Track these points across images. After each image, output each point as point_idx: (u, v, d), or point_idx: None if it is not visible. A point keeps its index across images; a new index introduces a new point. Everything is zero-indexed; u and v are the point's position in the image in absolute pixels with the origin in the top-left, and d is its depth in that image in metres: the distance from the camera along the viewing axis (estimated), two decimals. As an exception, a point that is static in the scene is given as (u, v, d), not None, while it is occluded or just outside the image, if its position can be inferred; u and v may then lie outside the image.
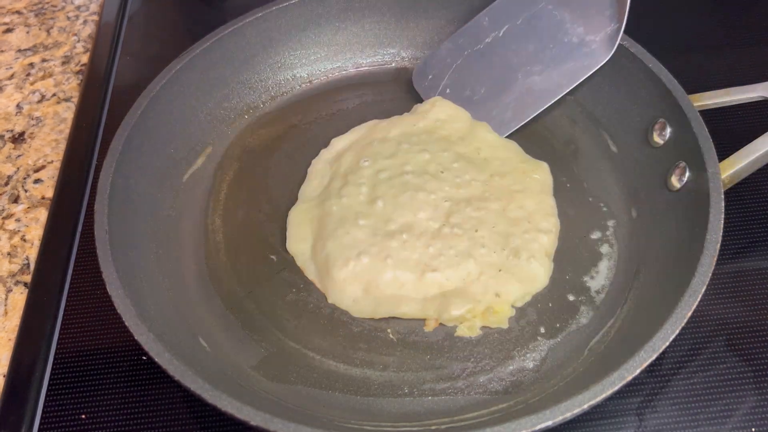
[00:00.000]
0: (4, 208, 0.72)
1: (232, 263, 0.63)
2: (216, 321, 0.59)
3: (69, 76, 0.85)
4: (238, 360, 0.56)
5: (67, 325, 0.61)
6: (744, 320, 0.59)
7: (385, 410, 0.53)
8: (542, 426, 0.44)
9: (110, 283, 0.51)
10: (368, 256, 0.58)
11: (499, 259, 0.59)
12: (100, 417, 0.56)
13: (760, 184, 0.66)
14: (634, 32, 0.66)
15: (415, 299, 0.58)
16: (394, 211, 0.61)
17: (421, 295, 0.58)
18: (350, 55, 0.77)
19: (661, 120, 0.63)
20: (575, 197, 0.65)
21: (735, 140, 0.59)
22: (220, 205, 0.67)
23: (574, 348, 0.56)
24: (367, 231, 0.60)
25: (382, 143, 0.67)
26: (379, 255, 0.58)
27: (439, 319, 0.57)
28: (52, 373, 0.59)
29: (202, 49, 0.68)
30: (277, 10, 0.72)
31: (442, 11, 0.75)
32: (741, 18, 0.63)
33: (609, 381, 0.45)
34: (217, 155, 0.71)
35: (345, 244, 0.59)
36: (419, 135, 0.67)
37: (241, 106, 0.74)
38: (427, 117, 0.69)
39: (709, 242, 0.52)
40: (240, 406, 0.45)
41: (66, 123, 0.79)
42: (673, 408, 0.54)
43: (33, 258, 0.67)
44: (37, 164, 0.76)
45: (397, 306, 0.57)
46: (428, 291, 0.58)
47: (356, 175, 0.64)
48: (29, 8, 0.94)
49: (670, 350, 0.56)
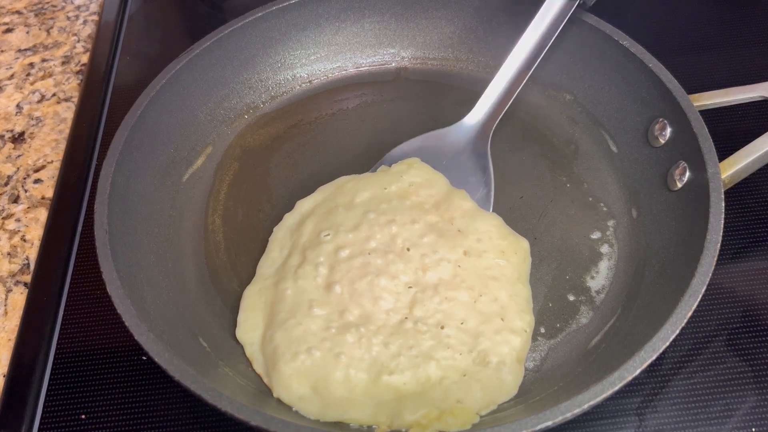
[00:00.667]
0: (4, 208, 0.72)
1: (232, 263, 0.63)
2: (216, 321, 0.59)
3: (69, 76, 0.85)
4: (238, 360, 0.56)
5: (67, 325, 0.61)
6: (744, 320, 0.59)
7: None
8: (542, 426, 0.44)
9: (110, 283, 0.51)
10: (320, 351, 0.53)
11: (464, 364, 0.53)
12: (100, 417, 0.56)
13: (760, 184, 0.66)
14: (634, 32, 0.66)
15: (367, 404, 0.52)
16: (352, 299, 0.55)
17: (375, 400, 0.52)
18: (350, 55, 0.77)
19: (661, 120, 0.63)
20: (575, 197, 0.65)
21: (735, 140, 0.59)
22: (220, 205, 0.67)
23: (574, 348, 0.56)
24: (321, 322, 0.54)
25: (347, 211, 0.61)
26: (332, 351, 0.53)
27: (392, 425, 0.51)
28: (52, 373, 0.59)
29: (202, 49, 0.68)
30: (277, 10, 0.72)
31: (442, 11, 0.75)
32: (741, 18, 0.63)
33: (609, 381, 0.45)
34: (217, 155, 0.71)
35: (295, 337, 0.54)
36: (390, 201, 0.61)
37: (241, 106, 0.74)
38: (401, 180, 0.63)
39: (709, 242, 0.52)
40: (240, 406, 0.45)
41: (66, 123, 0.79)
42: (673, 408, 0.54)
43: (33, 258, 0.67)
44: (37, 164, 0.76)
45: (346, 411, 0.51)
46: (382, 395, 0.52)
47: (315, 251, 0.58)
48: (29, 8, 0.94)
49: (670, 350, 0.56)
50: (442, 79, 0.76)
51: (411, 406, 0.51)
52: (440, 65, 0.77)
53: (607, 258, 0.61)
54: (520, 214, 0.64)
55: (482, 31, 0.75)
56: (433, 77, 0.76)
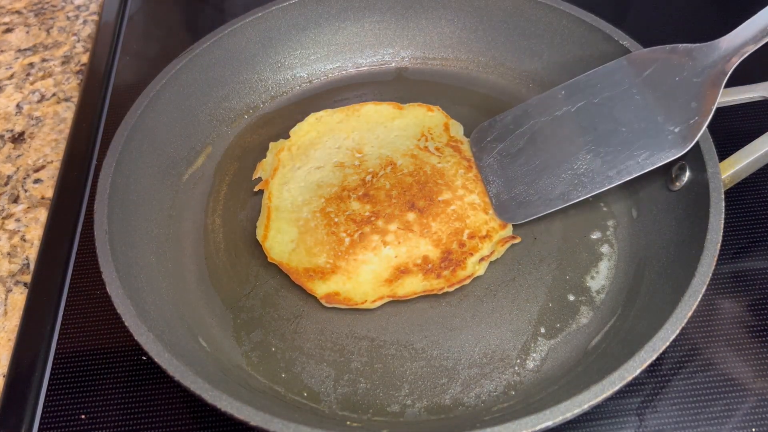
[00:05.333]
0: (4, 208, 0.72)
1: (232, 263, 0.63)
2: (216, 321, 0.59)
3: (69, 76, 0.85)
4: (238, 360, 0.56)
5: (67, 325, 0.62)
6: (744, 320, 0.59)
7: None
8: (542, 426, 0.44)
9: (110, 283, 0.51)
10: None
11: None
12: (100, 417, 0.56)
13: (760, 184, 0.66)
14: (634, 32, 0.66)
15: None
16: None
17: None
18: (350, 55, 0.77)
19: (661, 120, 0.63)
20: (575, 197, 0.65)
21: (735, 140, 0.59)
22: (220, 205, 0.67)
23: (574, 348, 0.56)
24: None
25: None
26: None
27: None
28: (52, 373, 0.59)
29: (202, 49, 0.68)
30: (277, 10, 0.72)
31: (442, 11, 0.75)
32: (741, 18, 0.63)
33: (609, 381, 0.45)
34: (217, 155, 0.71)
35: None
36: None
37: (241, 106, 0.74)
38: None
39: (709, 242, 0.52)
40: (240, 406, 0.45)
41: (66, 123, 0.79)
42: (673, 408, 0.54)
43: (33, 258, 0.67)
44: (37, 164, 0.76)
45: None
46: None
47: None
48: (29, 8, 0.94)
49: (670, 350, 0.56)
50: (442, 79, 0.76)
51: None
52: (440, 65, 0.77)
53: (607, 258, 0.61)
54: (520, 214, 0.64)
55: (482, 31, 0.75)
56: (433, 77, 0.76)
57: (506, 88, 0.75)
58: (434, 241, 0.60)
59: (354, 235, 0.61)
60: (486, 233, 0.61)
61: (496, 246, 0.61)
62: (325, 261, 0.60)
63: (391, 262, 0.60)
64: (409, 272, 0.59)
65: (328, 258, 0.60)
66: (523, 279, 0.60)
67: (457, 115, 0.71)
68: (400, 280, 0.59)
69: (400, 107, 0.72)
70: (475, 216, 0.62)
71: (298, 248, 0.61)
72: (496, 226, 0.62)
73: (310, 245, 0.61)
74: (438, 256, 0.60)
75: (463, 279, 0.59)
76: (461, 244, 0.60)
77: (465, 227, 0.61)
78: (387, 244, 0.60)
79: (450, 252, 0.60)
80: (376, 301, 0.58)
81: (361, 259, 0.60)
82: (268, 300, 0.60)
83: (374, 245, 0.60)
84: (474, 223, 0.62)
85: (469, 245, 0.60)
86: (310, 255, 0.60)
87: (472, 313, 0.58)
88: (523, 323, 0.58)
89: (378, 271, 0.59)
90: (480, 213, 0.62)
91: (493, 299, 0.59)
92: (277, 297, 0.60)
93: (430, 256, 0.60)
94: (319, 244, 0.61)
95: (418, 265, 0.60)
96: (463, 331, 0.57)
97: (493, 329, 0.57)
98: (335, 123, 0.70)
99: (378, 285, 0.59)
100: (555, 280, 0.60)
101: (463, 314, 0.58)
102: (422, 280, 0.59)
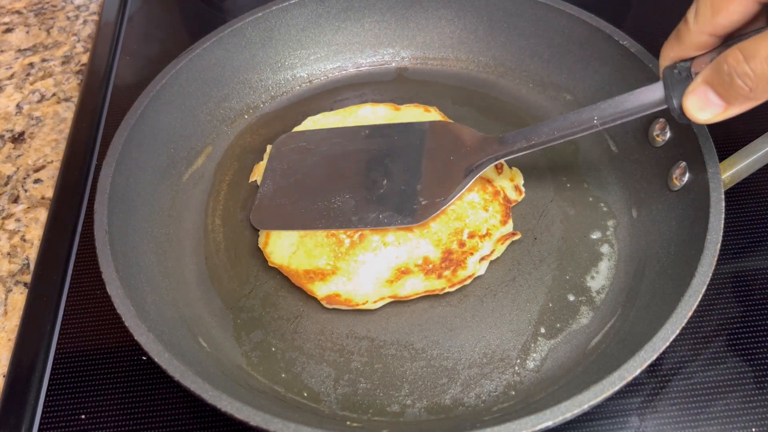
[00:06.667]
0: (4, 208, 0.72)
1: (232, 263, 0.63)
2: (216, 321, 0.59)
3: (69, 76, 0.85)
4: (238, 360, 0.56)
5: (67, 325, 0.62)
6: (744, 320, 0.59)
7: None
8: (542, 426, 0.44)
9: (110, 283, 0.51)
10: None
11: None
12: (100, 417, 0.56)
13: (760, 184, 0.66)
14: (634, 32, 0.66)
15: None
16: None
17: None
18: (350, 55, 0.77)
19: (662, 120, 0.63)
20: (575, 197, 0.65)
21: (735, 140, 0.59)
22: (220, 205, 0.67)
23: (574, 348, 0.56)
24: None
25: None
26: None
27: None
28: (52, 373, 0.59)
29: (202, 49, 0.68)
30: (277, 10, 0.72)
31: (442, 11, 0.75)
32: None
33: (609, 381, 0.45)
34: (217, 155, 0.71)
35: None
36: None
37: (241, 106, 0.74)
38: None
39: (709, 242, 0.52)
40: (240, 406, 0.45)
41: (66, 123, 0.79)
42: (673, 408, 0.54)
43: (33, 258, 0.67)
44: (37, 164, 0.76)
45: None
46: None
47: None
48: (29, 8, 0.94)
49: (670, 350, 0.56)
50: (442, 79, 0.76)
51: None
52: (440, 65, 0.77)
53: (607, 258, 0.61)
54: (520, 214, 0.64)
55: (482, 31, 0.75)
56: (433, 77, 0.76)
57: (506, 88, 0.75)
58: (434, 241, 0.60)
59: (354, 236, 0.61)
60: (486, 231, 0.61)
61: (495, 244, 0.61)
62: (326, 262, 0.60)
63: (392, 262, 0.60)
64: (409, 273, 0.59)
65: (329, 259, 0.60)
66: (523, 279, 0.60)
67: (456, 116, 0.71)
68: (401, 281, 0.59)
69: (397, 108, 0.72)
70: (474, 215, 0.62)
71: (298, 251, 0.61)
72: (496, 223, 0.62)
73: (310, 247, 0.61)
74: (439, 257, 0.60)
75: (463, 279, 0.59)
76: (461, 244, 0.60)
77: (465, 226, 0.61)
78: (387, 245, 0.60)
79: (450, 252, 0.60)
80: (377, 302, 0.58)
81: (361, 260, 0.60)
82: (268, 300, 0.60)
83: (374, 246, 0.60)
84: (474, 222, 0.62)
85: (469, 245, 0.60)
86: (310, 257, 0.60)
87: (473, 313, 0.58)
88: (523, 323, 0.58)
89: (379, 272, 0.59)
90: (479, 211, 0.62)
91: (494, 299, 0.59)
92: (277, 297, 0.60)
93: (431, 257, 0.60)
94: (319, 246, 0.61)
95: (418, 265, 0.60)
96: (463, 331, 0.57)
97: (493, 329, 0.57)
98: (332, 125, 0.70)
99: (379, 286, 0.59)
100: (555, 280, 0.60)
101: (463, 314, 0.58)
102: (423, 280, 0.59)
